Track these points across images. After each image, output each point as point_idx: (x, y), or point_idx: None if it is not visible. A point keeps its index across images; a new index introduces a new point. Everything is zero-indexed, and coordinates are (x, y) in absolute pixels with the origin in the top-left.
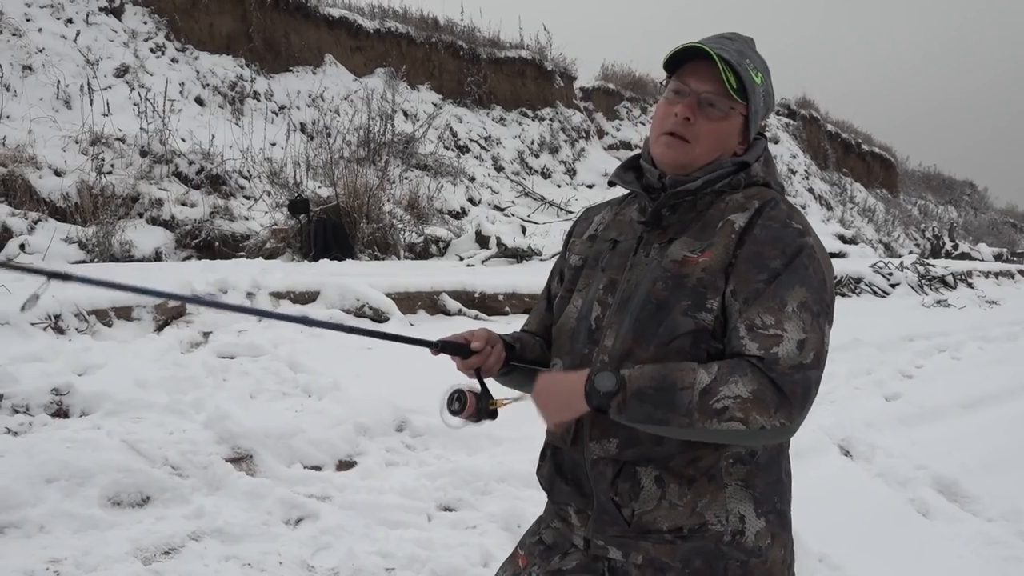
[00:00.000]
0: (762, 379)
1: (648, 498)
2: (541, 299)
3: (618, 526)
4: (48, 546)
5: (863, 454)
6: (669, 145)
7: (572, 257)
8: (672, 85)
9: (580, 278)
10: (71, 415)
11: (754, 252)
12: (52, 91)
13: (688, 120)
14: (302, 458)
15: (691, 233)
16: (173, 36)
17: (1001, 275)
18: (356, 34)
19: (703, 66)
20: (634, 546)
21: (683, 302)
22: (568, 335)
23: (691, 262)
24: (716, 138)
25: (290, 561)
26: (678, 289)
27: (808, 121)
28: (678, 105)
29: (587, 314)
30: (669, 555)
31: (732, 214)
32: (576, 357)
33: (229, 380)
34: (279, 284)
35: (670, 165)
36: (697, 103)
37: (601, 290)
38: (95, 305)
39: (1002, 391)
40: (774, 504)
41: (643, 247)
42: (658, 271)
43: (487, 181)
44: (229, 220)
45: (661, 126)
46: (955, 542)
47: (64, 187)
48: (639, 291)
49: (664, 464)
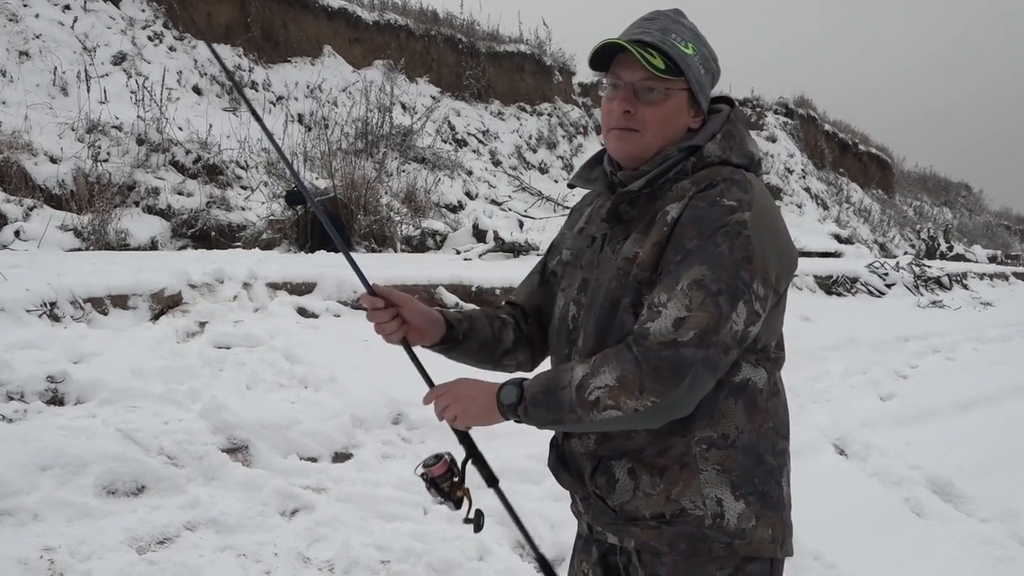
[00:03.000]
0: (627, 361)
1: (623, 490)
2: (534, 272)
3: (608, 514)
4: (42, 534)
5: (858, 453)
6: (619, 138)
7: (564, 251)
8: (608, 80)
9: (565, 276)
10: (66, 403)
11: (676, 235)
12: (49, 77)
13: (628, 112)
14: (298, 449)
15: (641, 228)
16: (171, 24)
17: (996, 277)
18: (355, 26)
19: (630, 56)
20: (625, 531)
21: (626, 299)
22: (555, 336)
23: (635, 258)
24: (662, 121)
25: (285, 552)
26: (625, 287)
27: (806, 120)
28: (615, 100)
29: (565, 315)
30: (657, 539)
31: (670, 204)
32: (559, 358)
33: (225, 370)
34: (276, 275)
35: (626, 158)
36: (633, 93)
37: (576, 290)
38: (91, 293)
39: (996, 392)
40: (755, 486)
41: (608, 244)
42: (613, 269)
43: (484, 175)
44: (226, 210)
45: (607, 123)
46: (949, 542)
47: (60, 174)
48: (600, 290)
49: (636, 456)
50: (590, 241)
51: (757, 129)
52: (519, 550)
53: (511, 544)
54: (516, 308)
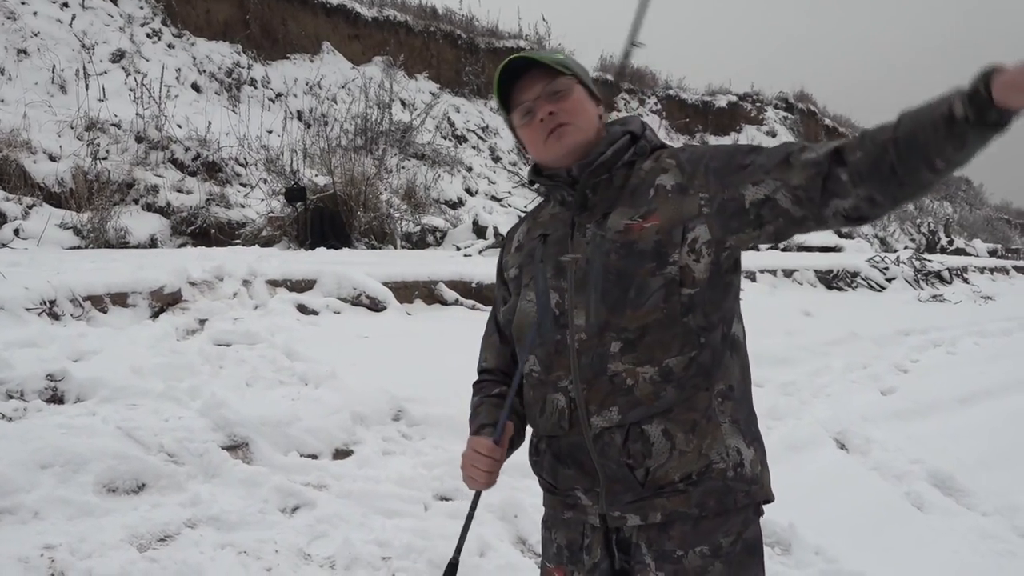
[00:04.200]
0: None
1: (660, 452)
2: (490, 333)
3: (632, 491)
4: (43, 532)
5: (859, 448)
6: (559, 136)
7: (509, 271)
8: (517, 112)
9: (521, 278)
10: (66, 401)
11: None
12: (47, 75)
13: (552, 113)
14: (298, 446)
15: (624, 203)
16: (170, 21)
17: (996, 271)
18: (354, 22)
19: (524, 82)
20: (650, 506)
21: (647, 264)
22: (531, 328)
23: (635, 228)
24: (580, 109)
25: (286, 549)
26: (632, 255)
27: (806, 115)
28: (535, 115)
29: (546, 303)
30: (685, 504)
31: (658, 178)
32: (550, 345)
33: (225, 367)
34: (276, 272)
35: (571, 151)
36: (545, 101)
37: (551, 278)
38: (90, 291)
39: (997, 386)
40: (754, 432)
41: (577, 230)
42: (606, 244)
43: (484, 171)
44: (225, 207)
45: (539, 138)
46: (950, 536)
47: (59, 172)
48: (593, 267)
49: (667, 415)
50: (541, 240)
51: (757, 124)
52: (520, 546)
53: (512, 540)
54: (497, 374)
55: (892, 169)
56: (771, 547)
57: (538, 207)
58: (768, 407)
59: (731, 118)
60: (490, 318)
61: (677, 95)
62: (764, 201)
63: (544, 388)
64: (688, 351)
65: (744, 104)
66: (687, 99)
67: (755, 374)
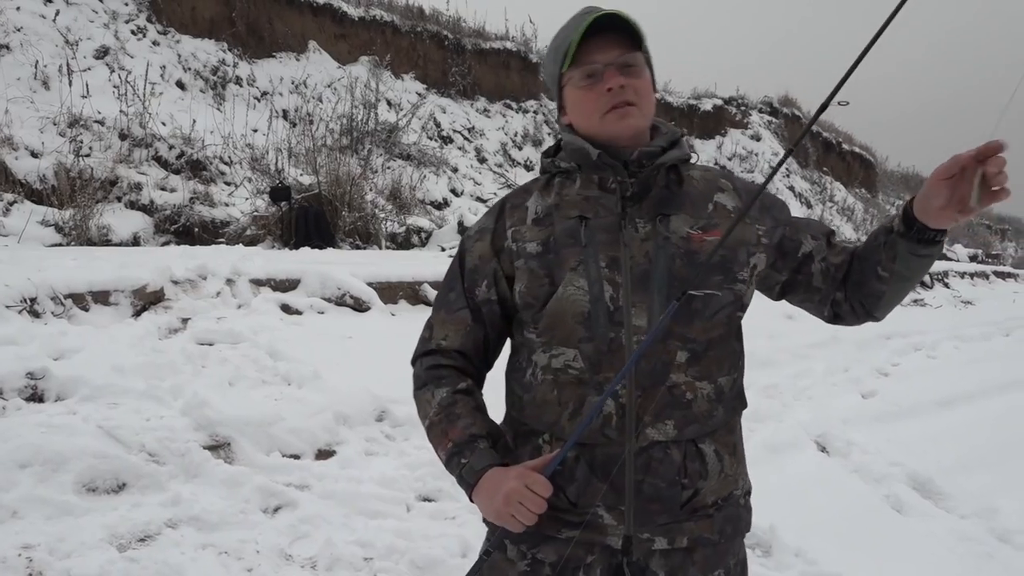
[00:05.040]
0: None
1: (713, 473)
2: (459, 309)
3: (668, 512)
4: (21, 532)
5: (840, 450)
6: (623, 116)
7: (525, 245)
8: (581, 71)
9: (560, 259)
10: (46, 400)
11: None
12: (30, 71)
13: (623, 87)
14: (281, 446)
15: (685, 209)
16: (155, 18)
17: (976, 276)
18: (340, 21)
19: (600, 40)
20: (678, 529)
21: (714, 277)
22: (581, 320)
23: (696, 239)
24: (648, 93)
25: (268, 550)
26: (695, 265)
27: (790, 119)
28: (602, 82)
29: (600, 295)
30: (709, 529)
31: (716, 195)
32: (602, 342)
33: (208, 367)
34: (260, 271)
35: (632, 136)
36: (617, 71)
37: (605, 268)
38: (72, 289)
39: (977, 390)
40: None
41: (629, 223)
42: (671, 248)
43: (470, 172)
44: (209, 206)
45: (597, 108)
46: (929, 539)
47: (41, 169)
48: (657, 268)
49: (714, 436)
50: (580, 221)
51: (742, 128)
52: None
53: None
54: (456, 359)
55: (856, 275)
56: (752, 549)
57: (546, 183)
58: (750, 410)
59: (716, 121)
60: (457, 291)
61: (663, 98)
62: (808, 256)
63: (584, 389)
64: (733, 372)
65: (729, 108)
66: (673, 102)
67: None
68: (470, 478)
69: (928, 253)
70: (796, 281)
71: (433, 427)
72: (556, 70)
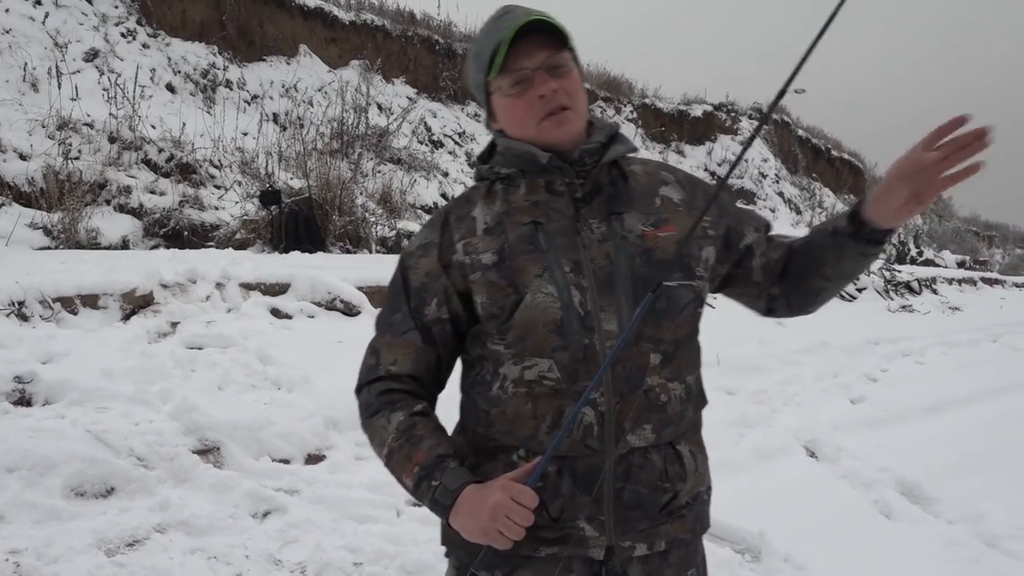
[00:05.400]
0: None
1: (691, 473)
2: (407, 331)
3: (648, 518)
4: (8, 537)
5: (829, 456)
6: (561, 122)
7: (481, 256)
8: (509, 78)
9: (520, 267)
10: (34, 404)
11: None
12: (18, 73)
13: (556, 91)
14: (270, 451)
15: (636, 207)
16: (145, 21)
17: (964, 282)
18: (331, 25)
19: (525, 44)
20: (656, 533)
21: (674, 273)
22: (554, 328)
23: (650, 236)
24: (580, 91)
25: (257, 555)
26: (653, 263)
27: (779, 126)
28: (533, 88)
29: (570, 301)
30: (683, 530)
31: (661, 188)
32: (577, 350)
33: (197, 371)
34: (249, 275)
35: (569, 141)
36: (547, 75)
37: (569, 272)
38: (60, 292)
39: (964, 396)
40: None
41: (584, 225)
42: (630, 247)
43: (460, 176)
44: (199, 209)
45: (531, 116)
46: (917, 544)
47: (29, 171)
48: (619, 269)
49: (686, 435)
50: (534, 226)
51: (732, 133)
52: None
53: None
54: (406, 380)
55: (796, 272)
56: (741, 554)
57: (488, 190)
58: (739, 415)
59: (706, 127)
60: (403, 312)
61: (653, 104)
62: (750, 249)
63: (561, 399)
64: (696, 370)
65: (719, 114)
66: (663, 108)
67: (727, 382)
68: (446, 499)
69: (876, 252)
70: (736, 274)
71: (393, 454)
72: (481, 78)
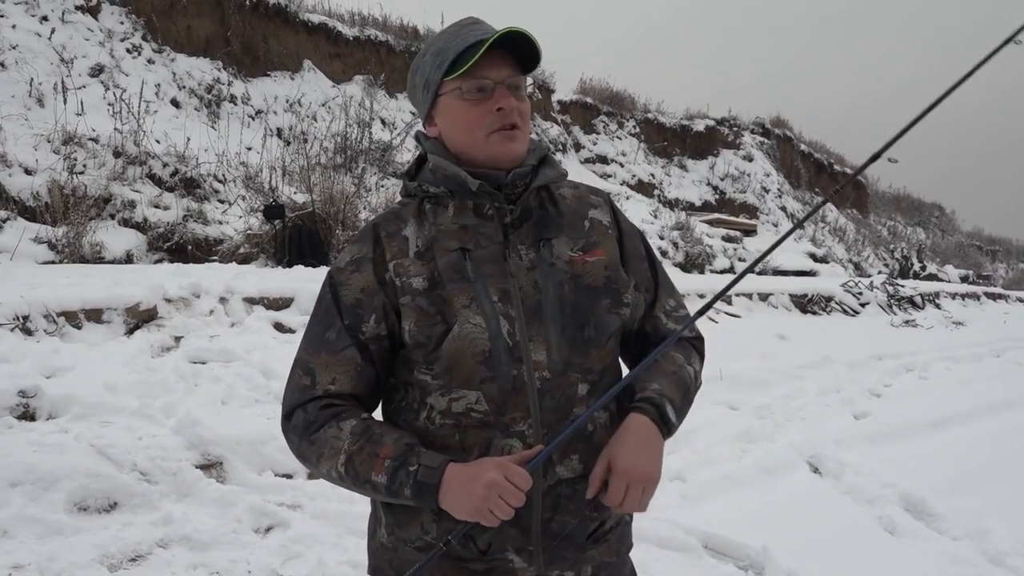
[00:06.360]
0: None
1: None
2: (345, 347)
3: (575, 547)
4: (12, 551)
5: (832, 471)
6: (511, 139)
7: (412, 280)
8: (471, 84)
9: (449, 296)
10: (38, 418)
11: (631, 245)
12: (25, 88)
13: (513, 110)
14: (273, 466)
15: (565, 232)
16: (150, 37)
17: (967, 297)
18: (335, 41)
19: (493, 56)
20: (583, 560)
21: (602, 300)
22: (482, 359)
23: (578, 261)
24: (528, 119)
25: (259, 570)
26: (582, 290)
27: (782, 140)
28: (492, 100)
29: (498, 331)
30: (609, 553)
31: (591, 212)
32: (505, 381)
33: (200, 385)
34: (253, 289)
35: (514, 160)
36: (508, 92)
37: (497, 302)
38: (65, 306)
39: (969, 411)
40: None
41: (512, 251)
42: (558, 274)
43: None
44: (203, 224)
45: (483, 125)
46: (921, 560)
47: (35, 186)
48: (548, 298)
49: None
50: (462, 254)
51: (734, 148)
52: None
53: None
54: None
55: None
56: (744, 571)
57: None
58: (742, 430)
59: (709, 142)
60: (337, 329)
61: (655, 119)
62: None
63: (489, 432)
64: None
65: (721, 128)
66: (665, 123)
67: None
68: (431, 478)
69: None
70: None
71: (354, 456)
72: (437, 76)
